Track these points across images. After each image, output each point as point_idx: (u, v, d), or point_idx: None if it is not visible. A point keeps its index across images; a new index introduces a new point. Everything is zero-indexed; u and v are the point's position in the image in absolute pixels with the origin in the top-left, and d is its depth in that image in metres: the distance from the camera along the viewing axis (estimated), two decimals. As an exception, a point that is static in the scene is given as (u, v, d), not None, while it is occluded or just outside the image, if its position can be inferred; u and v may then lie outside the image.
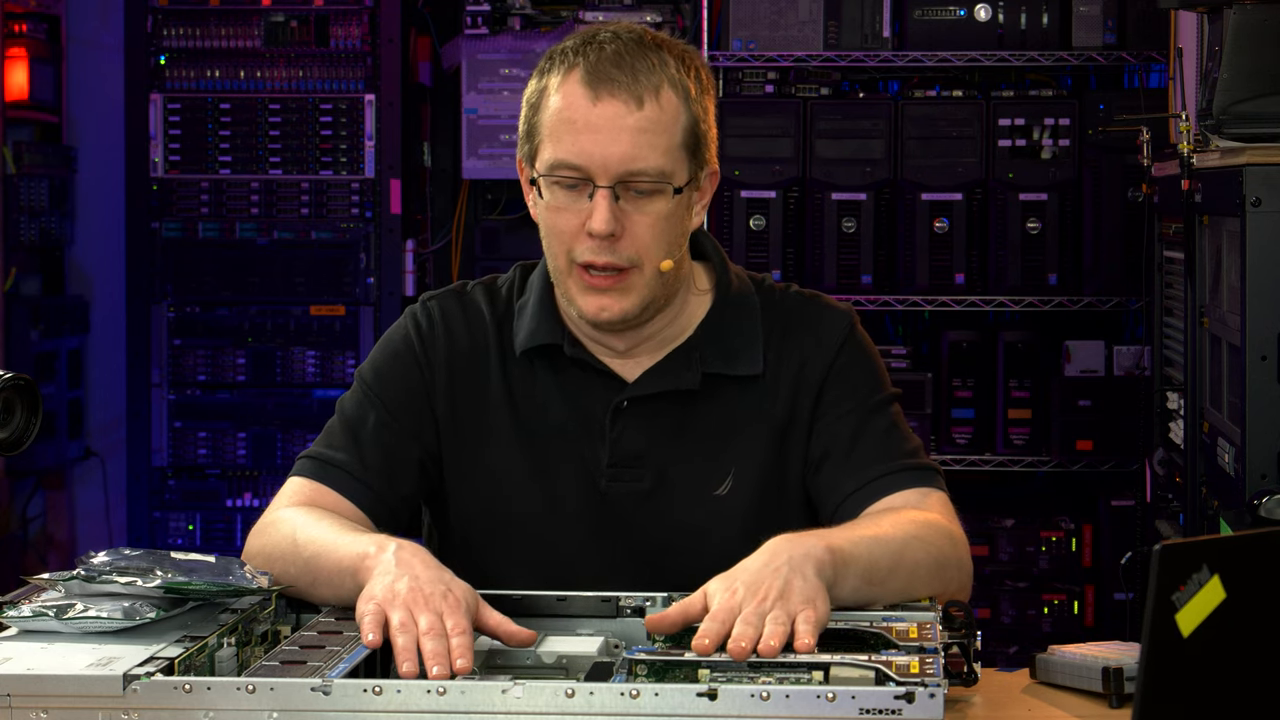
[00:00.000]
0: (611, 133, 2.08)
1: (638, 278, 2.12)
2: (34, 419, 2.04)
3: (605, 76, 2.09)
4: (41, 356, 5.29)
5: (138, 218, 5.23)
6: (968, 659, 1.88)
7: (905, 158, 4.87)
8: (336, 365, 5.23)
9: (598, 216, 2.08)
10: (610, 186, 2.09)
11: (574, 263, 2.12)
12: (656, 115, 2.10)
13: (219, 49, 5.23)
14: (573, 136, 2.09)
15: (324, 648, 1.81)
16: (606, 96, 2.08)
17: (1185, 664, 1.43)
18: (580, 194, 2.10)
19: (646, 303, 2.14)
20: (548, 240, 2.15)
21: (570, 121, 2.09)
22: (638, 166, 2.09)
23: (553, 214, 2.13)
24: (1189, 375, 3.60)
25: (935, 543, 2.03)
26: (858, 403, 2.20)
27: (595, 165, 2.08)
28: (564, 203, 2.11)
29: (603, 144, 2.08)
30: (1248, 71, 3.26)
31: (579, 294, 2.13)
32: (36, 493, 5.48)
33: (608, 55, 2.10)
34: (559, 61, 2.13)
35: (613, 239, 2.09)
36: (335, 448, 2.20)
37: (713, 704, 1.65)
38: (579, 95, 2.09)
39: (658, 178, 2.10)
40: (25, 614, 1.83)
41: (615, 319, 2.13)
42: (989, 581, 4.79)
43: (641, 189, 2.10)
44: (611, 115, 2.08)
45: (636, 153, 2.08)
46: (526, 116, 2.16)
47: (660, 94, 2.10)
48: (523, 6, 5.28)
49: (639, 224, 2.10)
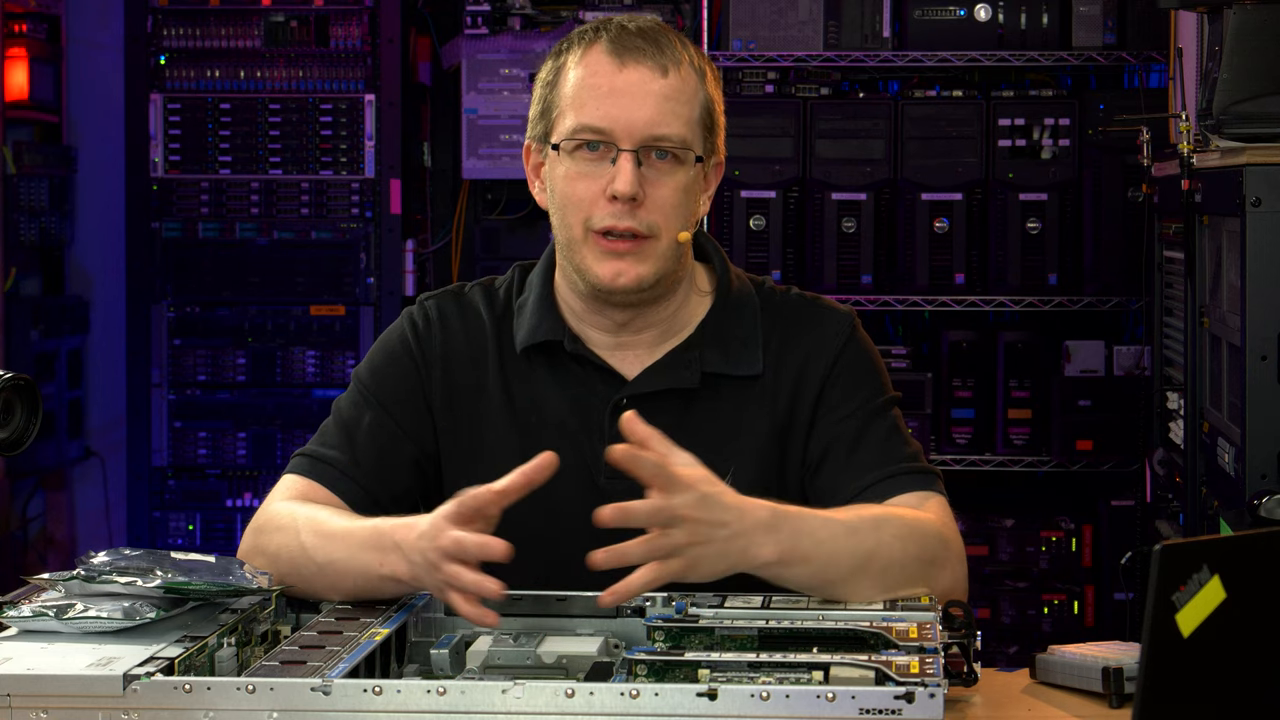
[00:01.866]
0: (638, 97, 2.11)
1: (654, 246, 2.13)
2: (34, 419, 2.04)
3: (631, 45, 2.13)
4: (41, 356, 5.29)
5: (138, 218, 5.23)
6: (968, 659, 1.89)
7: (905, 158, 4.87)
8: (336, 365, 5.23)
9: (621, 178, 2.10)
10: (634, 150, 2.11)
11: (590, 230, 2.13)
12: (679, 85, 2.14)
13: (219, 49, 5.23)
14: (597, 101, 2.12)
15: (324, 648, 1.82)
16: (633, 63, 2.12)
17: (1185, 664, 1.43)
18: (602, 159, 2.12)
19: (660, 274, 2.15)
20: (563, 211, 2.16)
21: (595, 87, 2.13)
22: (661, 131, 2.12)
23: (571, 181, 2.14)
24: (1189, 375, 3.60)
25: (917, 539, 2.03)
26: (858, 405, 2.20)
27: (620, 129, 2.11)
28: (585, 169, 2.13)
29: (628, 108, 2.11)
30: (1248, 71, 3.26)
31: (595, 261, 2.14)
32: (36, 493, 5.48)
33: (630, 30, 2.15)
34: (577, 40, 2.17)
35: (633, 204, 2.11)
36: (329, 446, 2.21)
37: (713, 704, 1.65)
38: (604, 63, 2.13)
39: (680, 144, 2.13)
40: (25, 614, 1.83)
41: (631, 285, 2.14)
42: (989, 581, 4.79)
43: (664, 153, 2.12)
44: (637, 80, 2.12)
45: (661, 118, 2.12)
46: (541, 96, 2.19)
47: (681, 68, 2.15)
48: (523, 6, 5.28)
49: (660, 191, 2.13)
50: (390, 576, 1.97)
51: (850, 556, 1.96)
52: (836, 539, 1.95)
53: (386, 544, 1.96)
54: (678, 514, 1.84)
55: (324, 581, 2.03)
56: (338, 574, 2.02)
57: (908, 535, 2.02)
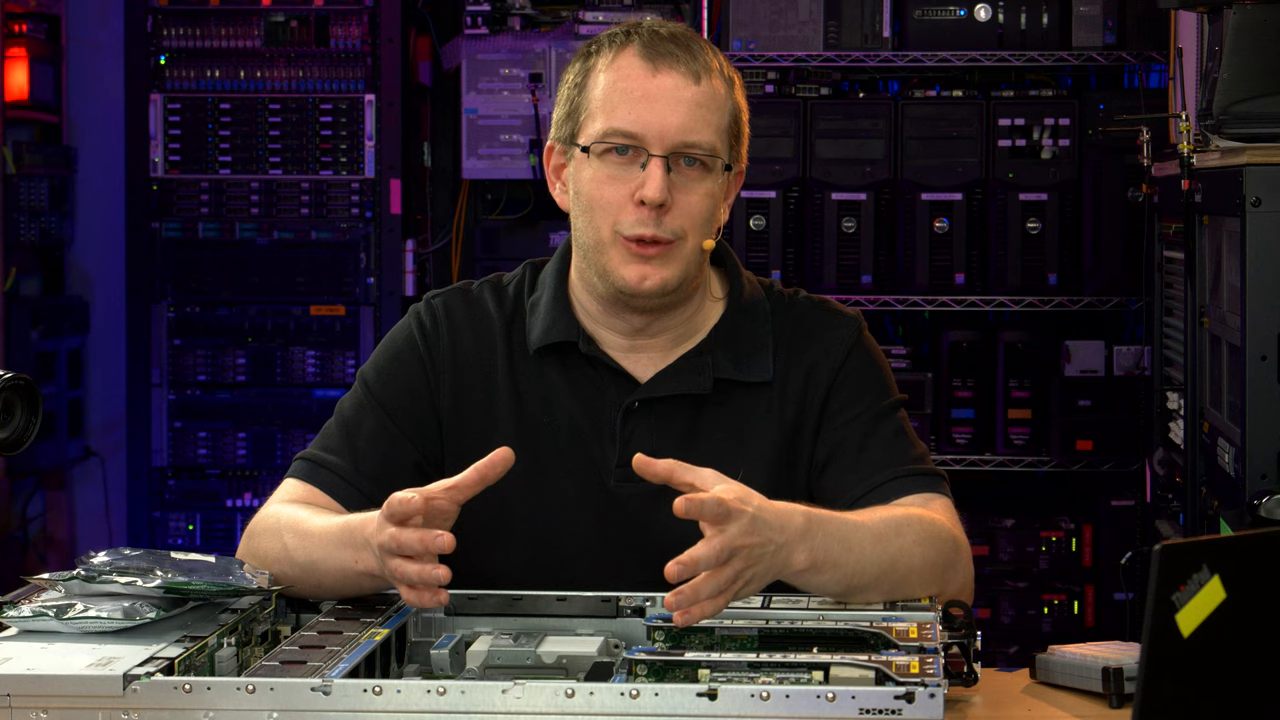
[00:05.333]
0: (670, 103, 2.12)
1: (680, 251, 2.14)
2: (34, 419, 2.04)
3: (664, 51, 2.14)
4: (41, 356, 5.29)
5: (138, 218, 5.23)
6: (968, 659, 1.89)
7: (905, 158, 4.87)
8: (336, 365, 5.23)
9: (651, 185, 2.10)
10: (664, 156, 2.11)
11: (619, 235, 2.13)
12: (711, 92, 2.14)
13: (219, 49, 5.23)
14: (629, 105, 2.12)
15: (324, 648, 1.82)
16: (666, 69, 2.13)
17: (1185, 664, 1.43)
18: (631, 163, 2.13)
19: (683, 279, 2.15)
20: (590, 214, 2.16)
21: (627, 92, 2.13)
22: (693, 139, 2.12)
23: (599, 185, 2.14)
24: (1189, 375, 3.60)
25: (935, 544, 2.03)
26: (865, 407, 2.21)
27: (652, 134, 2.11)
28: (613, 173, 2.13)
29: (660, 113, 2.11)
30: (1248, 71, 3.26)
31: (621, 264, 2.14)
32: (36, 493, 5.48)
33: (663, 35, 2.16)
34: (607, 44, 2.17)
35: (661, 210, 2.11)
36: (330, 450, 2.21)
37: (713, 704, 1.65)
38: (637, 68, 2.13)
39: (709, 151, 2.13)
40: (25, 614, 1.83)
41: (656, 288, 2.13)
42: (989, 581, 4.79)
43: (693, 161, 2.12)
44: (670, 86, 2.12)
45: (693, 125, 2.12)
46: (568, 97, 2.19)
47: (713, 76, 2.15)
48: (523, 6, 5.28)
49: (688, 198, 2.13)
50: (365, 573, 1.97)
51: (876, 562, 1.96)
52: (864, 544, 1.95)
53: (358, 540, 1.96)
54: (734, 546, 1.82)
55: (310, 581, 2.03)
56: (320, 573, 2.02)
57: (927, 540, 2.02)
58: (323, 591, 2.04)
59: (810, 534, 1.90)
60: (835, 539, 1.93)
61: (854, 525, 1.97)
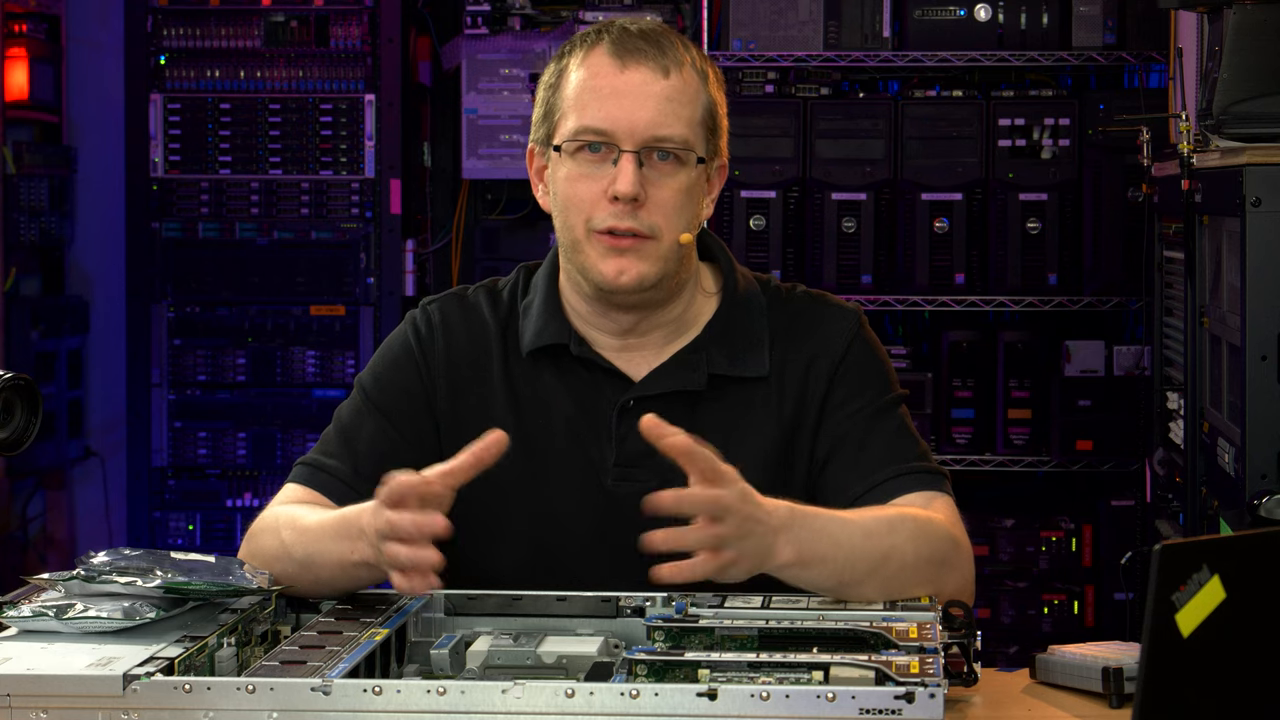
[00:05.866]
0: (639, 98, 2.12)
1: (656, 246, 2.13)
2: (34, 419, 2.04)
3: (633, 47, 2.14)
4: (41, 356, 5.29)
5: (138, 218, 5.23)
6: (968, 659, 1.89)
7: (905, 158, 4.87)
8: (336, 365, 5.23)
9: (623, 179, 2.11)
10: (635, 151, 2.11)
11: (593, 230, 2.13)
12: (681, 86, 2.14)
13: (219, 49, 5.23)
14: (599, 102, 2.13)
15: (324, 648, 1.82)
16: (634, 64, 2.13)
17: (1185, 664, 1.43)
18: (604, 160, 2.13)
19: (662, 275, 2.15)
20: (565, 212, 2.16)
21: (597, 89, 2.13)
22: (663, 132, 2.12)
23: (573, 183, 2.14)
24: (1189, 375, 3.59)
25: (929, 541, 2.03)
26: (867, 401, 2.20)
27: (622, 130, 2.11)
28: (586, 170, 2.14)
29: (629, 109, 2.12)
30: (1248, 71, 3.26)
31: (598, 259, 2.14)
32: (36, 493, 5.48)
33: (632, 32, 2.16)
34: (579, 43, 2.18)
35: (635, 204, 2.11)
36: (329, 454, 2.21)
37: (713, 704, 1.65)
38: (606, 65, 2.14)
39: (682, 144, 2.13)
40: (25, 614, 1.83)
41: (633, 283, 2.13)
42: (989, 581, 4.79)
43: (665, 154, 2.13)
44: (639, 82, 2.13)
45: (662, 119, 2.12)
46: (544, 99, 2.20)
47: (683, 70, 2.15)
48: (523, 6, 5.28)
49: (661, 192, 2.13)
50: (362, 562, 1.97)
51: (866, 558, 1.96)
52: (853, 540, 1.95)
53: (354, 531, 1.96)
54: (726, 505, 1.84)
55: (309, 577, 2.03)
56: (318, 567, 2.02)
57: (921, 537, 2.02)
58: (321, 586, 2.04)
59: (793, 527, 1.90)
60: (822, 534, 1.93)
61: (842, 521, 1.97)
